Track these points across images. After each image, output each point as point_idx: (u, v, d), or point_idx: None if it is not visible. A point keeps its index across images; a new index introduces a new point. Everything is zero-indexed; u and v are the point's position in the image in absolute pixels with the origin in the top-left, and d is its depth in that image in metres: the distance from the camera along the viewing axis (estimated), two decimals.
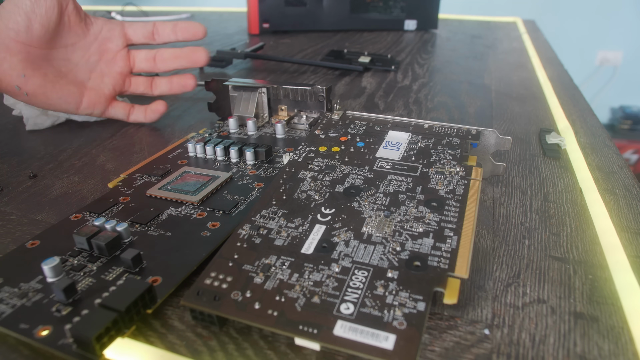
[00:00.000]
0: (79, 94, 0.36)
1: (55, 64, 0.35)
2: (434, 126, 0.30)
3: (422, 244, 0.20)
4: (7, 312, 0.18)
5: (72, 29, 0.36)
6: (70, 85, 0.36)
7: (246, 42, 0.77)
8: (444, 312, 0.19)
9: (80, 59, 0.37)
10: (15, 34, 0.32)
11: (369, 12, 0.86)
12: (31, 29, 0.33)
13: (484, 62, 0.62)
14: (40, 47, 0.34)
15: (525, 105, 0.45)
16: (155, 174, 0.29)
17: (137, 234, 0.23)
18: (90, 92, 0.37)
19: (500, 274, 0.22)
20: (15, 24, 0.32)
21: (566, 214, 0.26)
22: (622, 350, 0.17)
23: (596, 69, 1.58)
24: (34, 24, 0.33)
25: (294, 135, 0.35)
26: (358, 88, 0.51)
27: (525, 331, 0.18)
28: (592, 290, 0.20)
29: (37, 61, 0.34)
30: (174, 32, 0.39)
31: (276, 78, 0.55)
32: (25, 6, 0.32)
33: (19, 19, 0.32)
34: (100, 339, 0.16)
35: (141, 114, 0.40)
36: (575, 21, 1.50)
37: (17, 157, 0.34)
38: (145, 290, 0.18)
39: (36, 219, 0.26)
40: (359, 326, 0.16)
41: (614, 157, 0.33)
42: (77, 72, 0.37)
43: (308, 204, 0.23)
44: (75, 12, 0.35)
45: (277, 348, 0.18)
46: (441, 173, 0.25)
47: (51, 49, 0.35)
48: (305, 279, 0.19)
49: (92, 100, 0.37)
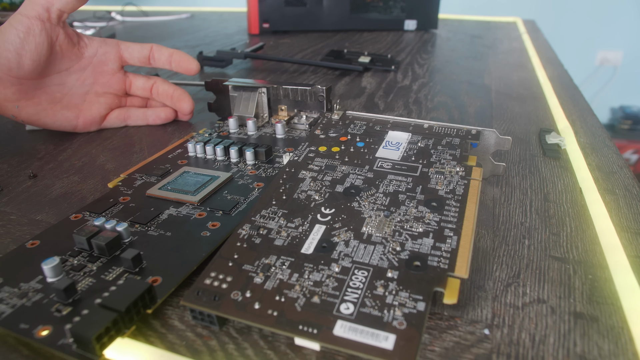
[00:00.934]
0: (74, 117, 0.36)
1: (49, 90, 0.35)
2: (434, 126, 0.30)
3: (422, 244, 0.20)
4: (7, 312, 0.18)
5: (65, 55, 0.35)
6: (64, 110, 0.36)
7: (246, 42, 0.77)
8: (444, 312, 0.19)
9: (75, 82, 0.36)
10: (7, 70, 0.32)
11: (369, 12, 0.86)
12: (22, 65, 0.32)
13: (484, 62, 0.62)
14: (33, 78, 0.34)
15: (525, 105, 0.45)
16: (155, 174, 0.29)
17: (137, 234, 0.23)
18: (85, 114, 0.37)
19: (500, 274, 0.22)
20: (6, 61, 0.32)
21: (566, 214, 0.26)
22: (622, 350, 0.17)
23: (596, 69, 1.58)
24: (24, 60, 0.32)
25: (294, 135, 0.35)
26: (358, 88, 0.51)
27: (525, 331, 0.18)
28: (592, 290, 0.20)
29: (30, 91, 0.34)
30: (169, 62, 0.39)
31: (276, 78, 0.55)
32: (15, 43, 0.32)
33: (10, 55, 0.32)
34: (100, 339, 0.16)
35: (140, 119, 0.39)
36: (575, 21, 1.50)
37: (17, 157, 0.34)
38: (145, 290, 0.18)
39: (36, 219, 0.26)
40: (358, 326, 0.16)
41: (614, 157, 0.33)
42: (71, 96, 0.36)
43: (308, 204, 0.23)
44: (67, 40, 0.35)
45: (277, 348, 0.18)
46: (441, 173, 0.25)
47: (44, 77, 0.35)
48: (305, 279, 0.19)
49: (87, 121, 0.37)
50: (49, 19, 0.33)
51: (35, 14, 0.32)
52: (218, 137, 0.34)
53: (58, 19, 0.33)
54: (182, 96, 0.40)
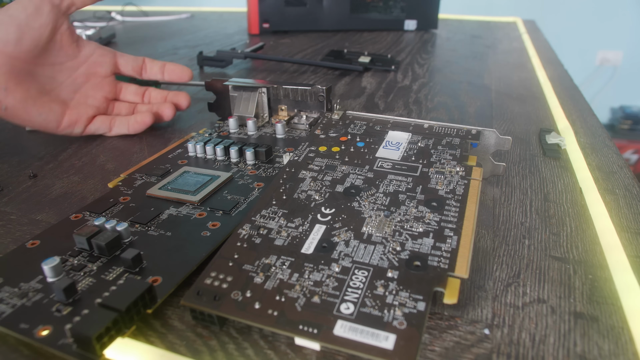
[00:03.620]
0: (60, 112, 0.35)
1: (39, 80, 0.35)
2: (434, 126, 0.30)
3: (422, 243, 0.20)
4: (7, 312, 0.18)
5: (63, 48, 0.35)
6: (52, 103, 0.35)
7: (246, 42, 0.77)
8: (444, 312, 0.19)
9: (66, 79, 0.36)
10: (3, 45, 0.32)
11: (369, 12, 0.86)
12: (21, 42, 0.32)
13: (484, 62, 0.62)
14: (27, 61, 0.33)
15: (525, 105, 0.45)
16: (155, 174, 0.29)
17: (137, 234, 0.23)
18: (71, 112, 0.36)
19: (500, 273, 0.22)
20: (5, 34, 0.31)
21: (566, 214, 0.26)
22: (622, 350, 0.17)
23: (596, 69, 1.58)
24: (25, 37, 0.32)
25: (294, 135, 0.35)
26: (358, 88, 0.51)
27: (525, 331, 0.18)
28: (592, 290, 0.20)
29: (21, 75, 0.33)
30: (161, 72, 0.40)
31: (276, 78, 0.55)
32: (20, 19, 0.32)
33: (11, 29, 0.32)
34: (101, 339, 0.16)
35: (124, 126, 0.38)
36: (575, 21, 1.50)
37: (17, 157, 0.34)
38: (145, 290, 0.18)
39: (36, 219, 0.26)
40: (359, 326, 0.16)
41: (614, 157, 0.33)
42: (60, 91, 0.36)
43: (308, 204, 0.23)
44: (68, 33, 0.35)
45: (277, 348, 0.18)
46: (441, 173, 0.25)
47: (37, 65, 0.34)
48: (305, 279, 0.19)
49: (72, 120, 0.36)
50: (59, 4, 0.33)
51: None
52: (218, 137, 0.34)
53: (67, 8, 0.34)
54: (179, 93, 0.40)
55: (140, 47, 0.74)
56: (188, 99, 0.40)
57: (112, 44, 0.77)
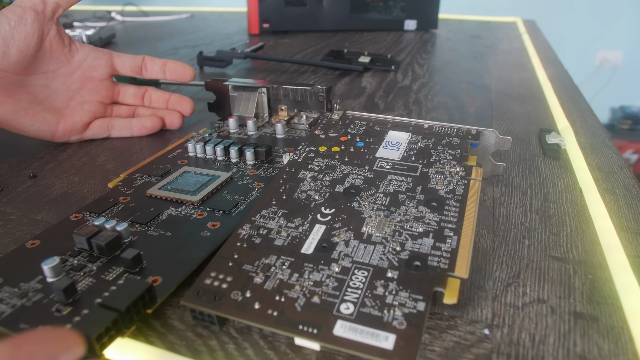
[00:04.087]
0: (54, 121, 0.34)
1: (31, 90, 0.34)
2: (434, 126, 0.30)
3: (422, 243, 0.20)
4: (7, 312, 0.18)
5: (54, 55, 0.34)
6: (45, 113, 0.34)
7: (246, 42, 0.77)
8: (444, 312, 0.19)
9: (61, 86, 0.35)
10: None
11: (369, 12, 0.86)
12: (7, 55, 0.31)
13: (484, 62, 0.62)
14: (16, 73, 0.32)
15: (525, 105, 0.45)
16: (155, 174, 0.29)
17: (137, 234, 0.23)
18: (66, 120, 0.35)
19: (500, 274, 0.22)
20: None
21: (566, 214, 0.26)
22: (622, 350, 0.17)
23: (596, 69, 1.58)
24: (11, 49, 0.31)
25: (294, 135, 0.35)
26: (358, 88, 0.51)
27: (525, 331, 0.18)
28: (592, 290, 0.20)
29: (11, 87, 0.32)
30: (162, 71, 0.38)
31: (276, 78, 0.55)
32: (4, 30, 0.31)
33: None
34: (101, 339, 0.16)
35: (125, 130, 0.37)
36: (575, 21, 1.50)
37: (17, 157, 0.34)
38: (145, 290, 0.18)
39: (36, 219, 0.26)
40: (359, 326, 0.16)
41: (614, 157, 0.33)
42: (54, 99, 0.35)
43: (308, 204, 0.23)
44: (58, 39, 0.34)
45: (277, 348, 0.18)
46: (441, 173, 0.25)
47: (28, 75, 0.33)
48: (305, 279, 0.19)
49: (68, 128, 0.35)
50: (43, 11, 0.32)
51: (30, 4, 0.32)
52: (218, 137, 0.34)
53: (53, 13, 0.33)
54: (181, 98, 0.39)
55: (140, 47, 0.74)
56: (192, 105, 0.39)
57: (112, 44, 0.77)
